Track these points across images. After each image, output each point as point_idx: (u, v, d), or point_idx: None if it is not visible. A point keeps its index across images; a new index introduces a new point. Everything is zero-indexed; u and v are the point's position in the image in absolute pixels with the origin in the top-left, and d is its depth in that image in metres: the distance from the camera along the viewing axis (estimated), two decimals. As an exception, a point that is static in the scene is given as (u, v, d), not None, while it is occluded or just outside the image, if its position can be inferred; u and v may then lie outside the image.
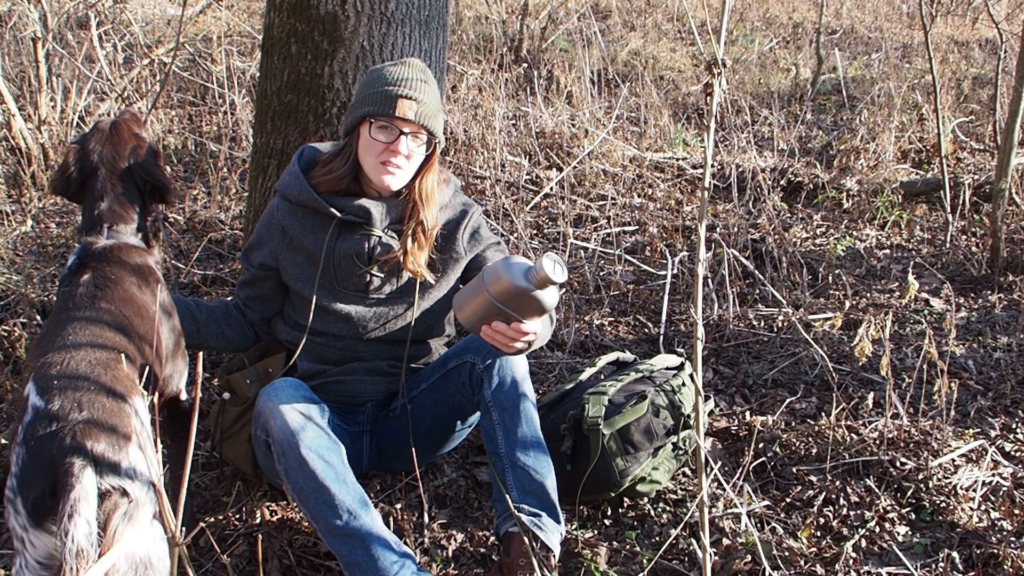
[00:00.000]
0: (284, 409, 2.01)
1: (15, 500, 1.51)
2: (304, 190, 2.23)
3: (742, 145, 5.14)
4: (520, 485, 2.11)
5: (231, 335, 2.38)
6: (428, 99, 2.14)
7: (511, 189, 4.42)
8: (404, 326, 2.33)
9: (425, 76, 2.17)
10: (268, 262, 2.32)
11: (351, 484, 1.98)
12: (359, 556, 1.93)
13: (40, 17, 4.57)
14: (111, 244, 2.00)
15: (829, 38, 7.83)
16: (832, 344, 3.21)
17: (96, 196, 2.05)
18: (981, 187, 4.55)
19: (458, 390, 2.26)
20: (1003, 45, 4.24)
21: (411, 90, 2.12)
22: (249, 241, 2.38)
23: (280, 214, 2.29)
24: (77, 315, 1.82)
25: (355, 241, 2.24)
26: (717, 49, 1.38)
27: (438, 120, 2.18)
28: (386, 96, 2.11)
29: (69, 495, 1.46)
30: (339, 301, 2.28)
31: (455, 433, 2.42)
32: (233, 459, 2.35)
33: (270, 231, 2.32)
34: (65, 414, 1.55)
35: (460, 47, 6.54)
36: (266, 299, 2.38)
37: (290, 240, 2.29)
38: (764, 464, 2.56)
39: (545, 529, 2.08)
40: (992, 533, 2.26)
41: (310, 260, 2.27)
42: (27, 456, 1.52)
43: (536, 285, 1.88)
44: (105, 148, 2.08)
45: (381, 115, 2.11)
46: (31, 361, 1.74)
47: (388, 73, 2.15)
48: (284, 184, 2.28)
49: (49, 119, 4.39)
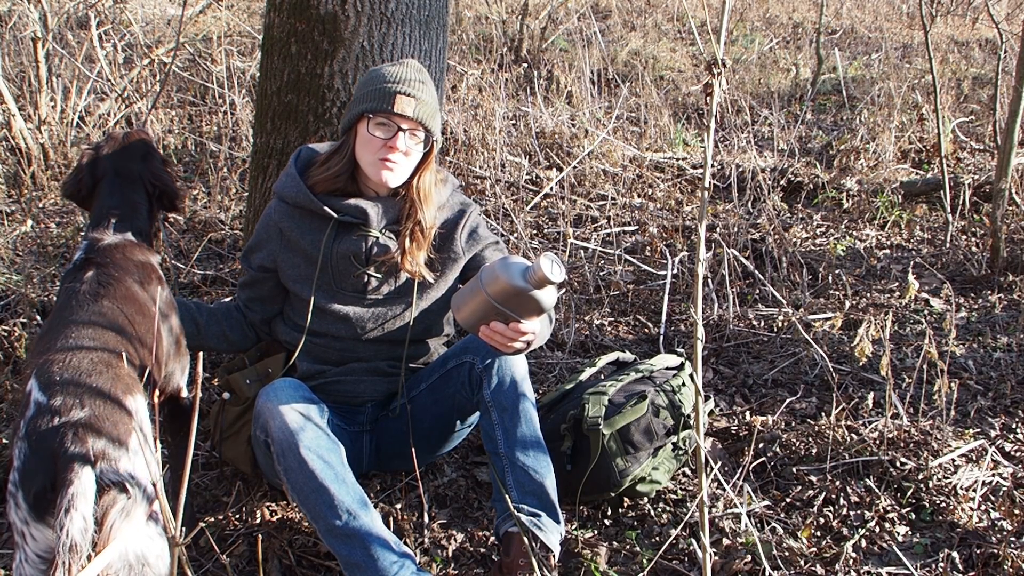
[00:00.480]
0: (283, 409, 2.01)
1: (16, 494, 1.52)
2: (301, 192, 2.23)
3: (742, 145, 5.14)
4: (520, 485, 2.12)
5: (232, 336, 2.40)
6: (426, 97, 2.16)
7: (511, 189, 4.42)
8: (403, 326, 2.33)
9: (422, 76, 2.19)
10: (267, 264, 2.33)
11: (350, 484, 1.99)
12: (359, 556, 1.93)
13: (40, 17, 4.57)
14: (116, 241, 2.04)
15: (829, 38, 7.83)
16: (832, 344, 3.21)
17: (105, 195, 2.10)
18: (981, 187, 4.55)
19: (458, 390, 2.26)
20: (1003, 45, 4.24)
21: (409, 87, 2.13)
22: (248, 243, 2.39)
23: (277, 216, 2.29)
24: (80, 313, 1.84)
25: (353, 242, 2.24)
26: (717, 49, 1.38)
27: (436, 119, 2.19)
28: (385, 92, 2.13)
29: (67, 490, 1.47)
30: (337, 302, 2.28)
31: (455, 433, 2.42)
32: (233, 459, 2.35)
33: (268, 233, 2.32)
34: (67, 410, 1.57)
35: (460, 47, 6.54)
36: (266, 300, 2.39)
37: (288, 242, 2.29)
38: (764, 464, 2.56)
39: (545, 529, 2.08)
40: (992, 533, 2.26)
41: (308, 261, 2.27)
42: (29, 450, 1.54)
43: (534, 285, 1.87)
44: (117, 152, 2.14)
45: (379, 111, 2.12)
46: (33, 357, 1.75)
47: (387, 72, 2.17)
48: (281, 186, 2.29)
49: (49, 119, 4.38)
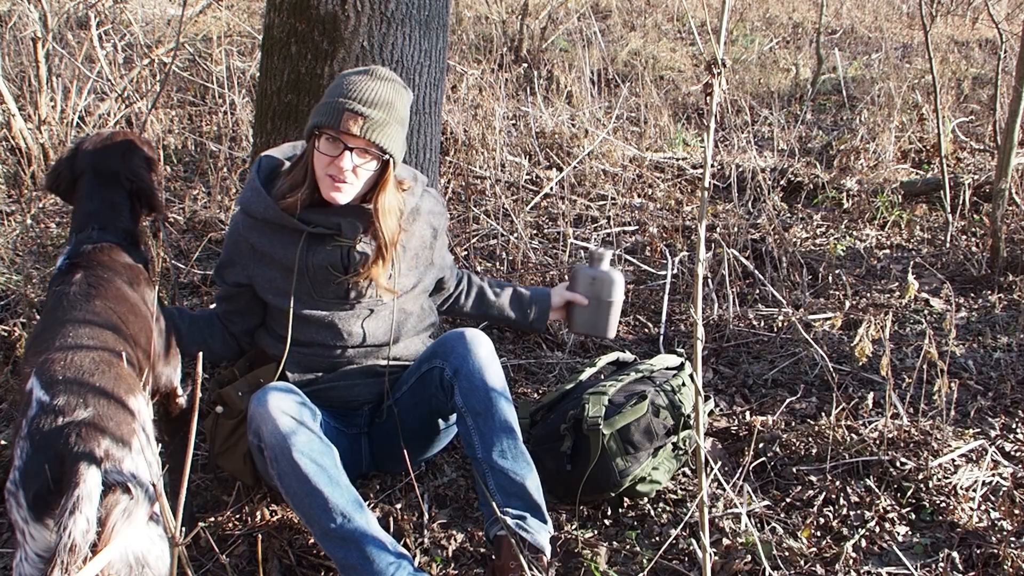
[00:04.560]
0: (275, 414, 1.99)
1: (17, 493, 1.51)
2: (268, 206, 2.14)
3: (742, 145, 5.14)
4: (501, 488, 2.09)
5: (213, 345, 2.33)
6: (378, 115, 2.02)
7: (511, 189, 4.42)
8: (388, 327, 2.29)
9: (386, 88, 2.06)
10: (241, 280, 2.26)
11: (344, 487, 1.97)
12: (355, 558, 1.92)
13: (40, 17, 4.57)
14: (100, 244, 2.01)
15: (829, 38, 7.83)
16: (832, 344, 3.21)
17: (85, 198, 2.06)
18: (981, 187, 4.55)
19: (433, 394, 2.24)
20: (1003, 45, 4.24)
21: (361, 104, 2.01)
22: (220, 259, 2.30)
23: (246, 232, 2.20)
24: (74, 312, 1.82)
25: (328, 253, 2.16)
26: (717, 49, 1.38)
27: (388, 134, 2.05)
28: (334, 108, 2.02)
29: (74, 491, 1.46)
30: (319, 310, 2.22)
31: (440, 433, 2.40)
32: (232, 472, 2.31)
33: (238, 249, 2.24)
34: (70, 410, 1.56)
35: (460, 47, 6.53)
36: (244, 312, 2.33)
37: (260, 256, 2.21)
38: (764, 464, 2.56)
39: (531, 530, 2.06)
40: (992, 533, 2.26)
41: (284, 274, 2.20)
42: (31, 450, 1.53)
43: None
44: (97, 150, 2.09)
45: (327, 127, 2.02)
46: (30, 358, 1.74)
47: (346, 83, 2.05)
48: (246, 200, 2.18)
49: (49, 119, 4.38)
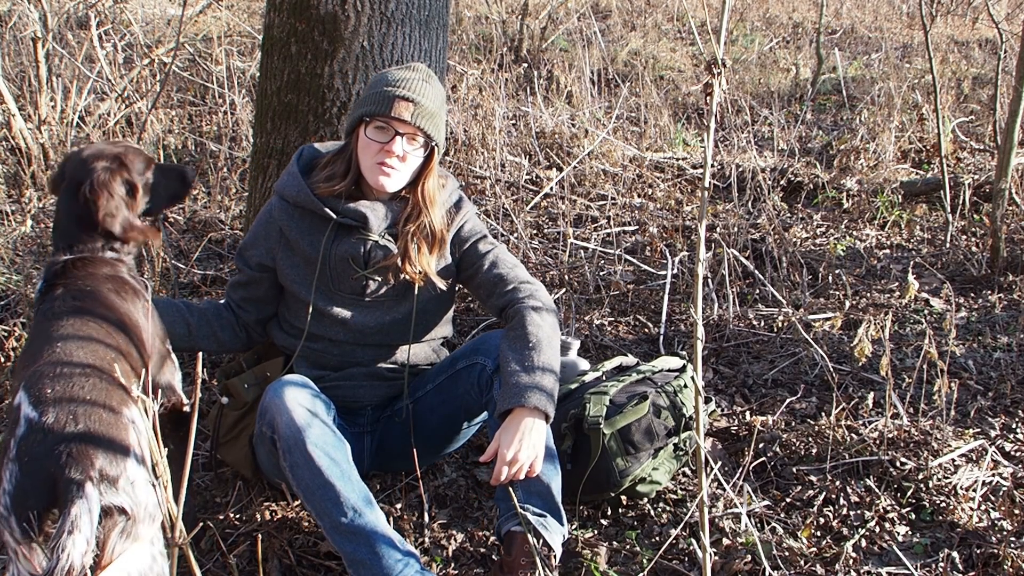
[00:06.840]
0: (291, 406, 2.01)
1: (8, 518, 1.46)
2: (302, 191, 2.22)
3: (742, 145, 5.13)
4: (526, 486, 2.10)
5: (222, 337, 2.35)
6: (427, 102, 2.14)
7: (511, 189, 4.42)
8: (402, 329, 2.31)
9: (428, 79, 2.18)
10: (265, 261, 2.30)
11: (356, 482, 1.99)
12: (363, 554, 1.93)
13: (40, 17, 4.57)
14: (74, 258, 1.91)
15: (829, 38, 7.83)
16: (832, 344, 3.21)
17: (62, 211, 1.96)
18: (981, 187, 4.55)
19: (467, 391, 2.26)
20: (1003, 45, 4.24)
21: (409, 91, 2.12)
22: (244, 240, 2.36)
23: (278, 214, 2.28)
24: (61, 327, 1.75)
25: (351, 245, 2.23)
26: (717, 49, 1.38)
27: (436, 123, 2.17)
28: (384, 97, 2.12)
29: (70, 512, 1.42)
30: (335, 304, 2.26)
31: (461, 433, 2.42)
32: (233, 463, 2.35)
33: (267, 230, 2.30)
34: (61, 427, 1.50)
35: (460, 47, 6.54)
36: (261, 301, 2.36)
37: (287, 242, 2.27)
38: (764, 464, 2.56)
39: (549, 529, 2.08)
40: (992, 533, 2.26)
41: (307, 262, 2.26)
42: (20, 473, 1.47)
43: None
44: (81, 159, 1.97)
45: (378, 115, 2.12)
46: (19, 372, 1.68)
47: (390, 76, 2.17)
48: (282, 185, 2.28)
49: (49, 119, 4.38)
